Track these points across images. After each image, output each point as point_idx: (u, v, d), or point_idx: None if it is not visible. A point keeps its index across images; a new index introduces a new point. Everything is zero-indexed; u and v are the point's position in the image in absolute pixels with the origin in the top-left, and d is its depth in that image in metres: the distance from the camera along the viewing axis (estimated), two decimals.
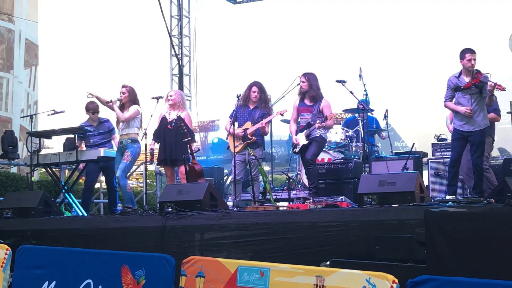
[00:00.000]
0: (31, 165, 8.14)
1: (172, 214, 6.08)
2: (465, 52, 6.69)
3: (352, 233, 5.09)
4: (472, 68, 6.64)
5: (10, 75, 14.29)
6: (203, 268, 4.12)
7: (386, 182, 5.63)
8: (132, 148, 7.70)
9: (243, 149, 7.75)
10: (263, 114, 7.76)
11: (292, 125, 7.81)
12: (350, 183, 8.29)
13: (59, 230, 6.61)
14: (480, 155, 6.64)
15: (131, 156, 7.68)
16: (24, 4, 14.82)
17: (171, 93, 8.10)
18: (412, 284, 3.38)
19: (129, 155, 7.66)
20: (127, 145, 7.69)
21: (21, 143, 12.06)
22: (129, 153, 7.65)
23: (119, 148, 7.80)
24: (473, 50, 6.69)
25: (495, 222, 4.01)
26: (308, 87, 7.53)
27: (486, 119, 6.73)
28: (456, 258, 3.98)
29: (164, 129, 7.82)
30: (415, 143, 8.85)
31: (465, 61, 6.66)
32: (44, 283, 4.80)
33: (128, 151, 7.65)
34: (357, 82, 8.41)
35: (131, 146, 7.69)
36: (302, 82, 7.60)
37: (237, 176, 7.66)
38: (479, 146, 6.64)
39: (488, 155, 7.26)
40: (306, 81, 7.56)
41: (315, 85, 7.56)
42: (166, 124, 7.82)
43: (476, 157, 6.63)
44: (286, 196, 8.32)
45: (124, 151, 7.69)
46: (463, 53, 6.72)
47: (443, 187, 7.78)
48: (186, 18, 13.58)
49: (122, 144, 7.74)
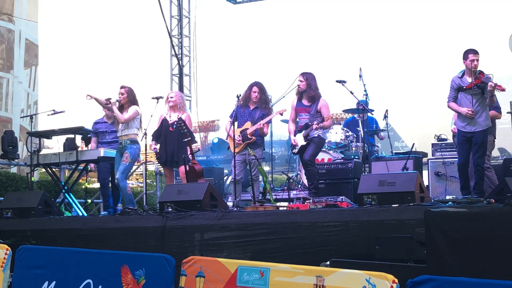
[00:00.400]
0: (31, 165, 8.14)
1: (172, 214, 6.08)
2: (468, 52, 6.69)
3: (352, 233, 5.09)
4: (475, 69, 6.64)
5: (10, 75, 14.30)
6: (203, 268, 4.12)
7: (386, 182, 5.63)
8: (131, 149, 7.64)
9: (243, 149, 7.75)
10: (263, 115, 7.75)
11: (290, 125, 7.79)
12: (350, 183, 8.28)
13: (59, 230, 6.60)
14: (481, 155, 6.64)
15: (130, 157, 7.61)
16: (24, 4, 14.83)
17: (171, 94, 8.09)
18: (412, 284, 3.38)
19: (128, 156, 7.59)
20: (126, 146, 7.63)
21: (21, 143, 12.07)
22: (128, 154, 7.59)
23: (119, 149, 7.74)
24: (476, 50, 6.68)
25: (495, 222, 4.01)
26: (307, 87, 7.50)
27: (488, 119, 6.73)
28: (456, 258, 3.98)
29: (166, 131, 7.81)
30: (415, 143, 8.85)
31: (468, 61, 6.67)
32: (44, 283, 4.80)
33: (127, 152, 7.59)
34: (357, 82, 8.40)
35: (130, 147, 7.63)
36: (300, 82, 7.55)
37: (237, 176, 7.66)
38: (481, 146, 6.65)
39: (489, 154, 7.25)
40: (305, 81, 7.53)
41: (314, 84, 7.53)
42: (167, 126, 7.80)
43: (478, 157, 6.63)
44: (286, 196, 8.32)
45: (123, 152, 7.64)
46: (466, 54, 6.72)
47: (443, 187, 7.80)
48: (186, 18, 13.58)
49: (122, 145, 7.69)
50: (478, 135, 6.66)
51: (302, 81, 7.53)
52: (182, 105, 8.00)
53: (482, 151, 6.66)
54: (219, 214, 5.77)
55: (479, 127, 6.66)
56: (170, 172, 7.98)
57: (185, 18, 13.55)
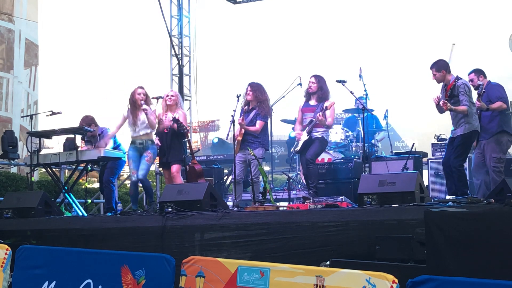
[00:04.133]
0: (31, 165, 8.13)
1: (172, 214, 6.08)
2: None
3: (352, 233, 5.09)
4: (438, 83, 6.92)
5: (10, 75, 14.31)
6: (203, 268, 4.12)
7: (386, 182, 5.63)
8: (154, 149, 7.80)
9: (242, 149, 7.72)
10: (257, 115, 7.73)
11: (297, 126, 7.82)
12: (350, 183, 8.29)
13: (59, 230, 6.60)
14: (456, 156, 6.68)
15: (153, 157, 7.81)
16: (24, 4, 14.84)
17: (171, 93, 8.11)
18: (412, 284, 3.38)
19: (151, 156, 7.77)
20: (148, 146, 7.75)
21: (21, 143, 12.07)
22: (151, 154, 7.75)
23: (138, 149, 7.78)
24: (431, 64, 6.90)
25: (495, 222, 4.01)
26: (318, 89, 7.52)
27: (470, 124, 6.70)
28: (456, 258, 3.97)
29: (161, 132, 7.83)
30: (415, 143, 8.85)
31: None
32: (44, 283, 4.79)
33: (150, 152, 7.73)
34: (357, 82, 8.41)
35: (152, 148, 7.78)
36: (313, 83, 7.57)
37: (237, 176, 7.66)
38: (457, 148, 6.70)
39: (501, 157, 7.11)
40: (317, 83, 7.57)
41: (326, 88, 7.61)
42: (162, 128, 7.84)
43: (453, 158, 6.70)
44: (286, 196, 8.32)
45: (145, 151, 7.73)
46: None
47: (443, 187, 7.78)
48: (186, 18, 13.57)
49: (142, 145, 7.76)
50: (458, 139, 6.73)
51: (315, 83, 7.56)
52: (180, 105, 8.05)
53: (458, 153, 6.69)
54: (219, 214, 5.77)
55: (459, 131, 6.73)
56: (168, 174, 7.96)
57: (185, 18, 13.54)
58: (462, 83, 6.73)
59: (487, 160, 7.08)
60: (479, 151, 7.21)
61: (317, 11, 17.17)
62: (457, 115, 6.73)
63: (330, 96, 7.63)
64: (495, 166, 6.99)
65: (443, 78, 6.83)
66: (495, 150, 7.06)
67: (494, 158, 7.02)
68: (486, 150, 7.11)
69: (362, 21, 16.55)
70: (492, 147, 7.08)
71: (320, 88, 7.56)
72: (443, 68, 6.82)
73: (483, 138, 7.10)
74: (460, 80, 6.77)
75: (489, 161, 7.04)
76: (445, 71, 6.82)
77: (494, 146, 7.08)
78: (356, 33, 16.49)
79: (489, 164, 7.04)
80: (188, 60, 13.54)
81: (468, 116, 6.69)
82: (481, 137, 7.07)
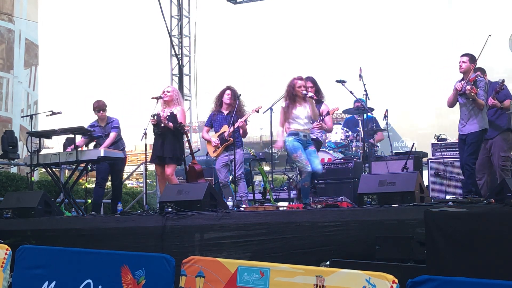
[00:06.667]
0: (31, 165, 8.13)
1: (172, 214, 6.08)
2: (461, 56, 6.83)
3: (352, 233, 5.09)
4: (461, 71, 6.79)
5: (10, 75, 14.31)
6: (203, 268, 4.12)
7: (386, 182, 5.63)
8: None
9: (222, 151, 7.81)
10: (238, 118, 7.77)
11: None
12: (350, 183, 8.28)
13: (59, 230, 6.60)
14: (470, 154, 6.66)
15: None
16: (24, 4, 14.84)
17: (168, 88, 8.01)
18: (412, 284, 3.38)
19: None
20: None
21: (21, 143, 12.07)
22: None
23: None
24: (465, 54, 6.80)
25: (495, 222, 4.01)
26: (315, 92, 7.52)
27: (482, 122, 6.70)
28: (456, 258, 3.97)
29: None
30: (415, 143, 8.84)
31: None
32: (44, 283, 4.79)
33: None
34: (357, 82, 8.40)
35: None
36: (311, 88, 7.56)
37: (224, 178, 7.75)
38: (470, 146, 6.67)
39: (509, 155, 7.14)
40: (314, 86, 7.58)
41: (321, 90, 7.66)
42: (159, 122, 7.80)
43: (466, 156, 6.68)
44: (286, 196, 8.32)
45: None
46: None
47: (443, 187, 7.79)
48: (186, 18, 13.59)
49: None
50: (470, 136, 6.70)
51: (312, 87, 7.54)
52: (179, 101, 7.93)
53: (471, 150, 6.67)
54: (219, 214, 5.78)
55: (473, 128, 6.69)
56: (160, 170, 7.85)
57: (185, 18, 13.55)
58: (483, 79, 6.77)
59: (495, 159, 7.10)
60: (484, 150, 7.21)
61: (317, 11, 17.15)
62: (470, 111, 6.69)
63: (324, 96, 7.66)
64: (503, 165, 7.03)
65: (469, 70, 6.78)
66: (503, 149, 7.11)
67: (502, 157, 7.06)
68: (494, 148, 7.13)
69: (362, 21, 16.53)
70: (500, 145, 7.12)
71: (317, 91, 7.57)
72: (473, 62, 6.80)
73: (489, 136, 7.11)
74: (481, 77, 6.80)
75: (497, 160, 7.07)
76: (474, 65, 6.82)
77: (502, 144, 7.11)
78: (356, 33, 16.47)
79: (497, 163, 7.06)
80: (188, 60, 13.56)
81: (482, 113, 6.71)
82: (487, 135, 7.08)
